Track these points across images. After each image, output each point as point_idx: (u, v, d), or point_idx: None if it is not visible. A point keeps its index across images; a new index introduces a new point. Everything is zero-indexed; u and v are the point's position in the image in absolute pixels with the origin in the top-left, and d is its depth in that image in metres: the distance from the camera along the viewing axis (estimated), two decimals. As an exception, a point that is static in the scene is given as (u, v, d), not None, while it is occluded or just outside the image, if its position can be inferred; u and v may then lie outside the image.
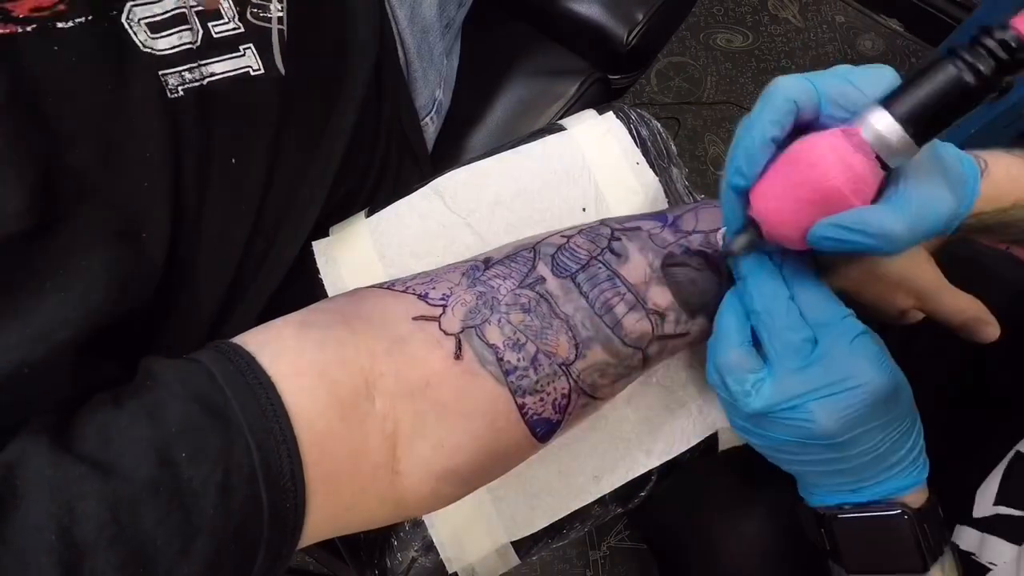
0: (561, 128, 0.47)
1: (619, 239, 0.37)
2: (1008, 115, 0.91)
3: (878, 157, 0.29)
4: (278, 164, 0.41)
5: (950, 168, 0.32)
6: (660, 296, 0.36)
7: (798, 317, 0.34)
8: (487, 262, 0.37)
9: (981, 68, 0.27)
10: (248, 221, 0.40)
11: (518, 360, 0.33)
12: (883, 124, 0.29)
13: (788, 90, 0.30)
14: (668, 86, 1.36)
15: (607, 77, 0.75)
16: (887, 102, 0.29)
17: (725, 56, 1.39)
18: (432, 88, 0.59)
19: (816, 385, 0.33)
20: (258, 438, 0.27)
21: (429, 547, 0.41)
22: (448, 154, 0.68)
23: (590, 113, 0.48)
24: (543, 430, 0.34)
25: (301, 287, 0.46)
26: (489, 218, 0.45)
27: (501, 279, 0.35)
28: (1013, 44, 0.26)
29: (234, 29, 0.36)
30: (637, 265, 0.36)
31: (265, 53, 0.38)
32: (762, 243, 0.33)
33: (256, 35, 0.37)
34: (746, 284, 0.34)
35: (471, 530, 0.41)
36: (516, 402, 0.33)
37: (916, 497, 0.36)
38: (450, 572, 0.42)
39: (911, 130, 0.28)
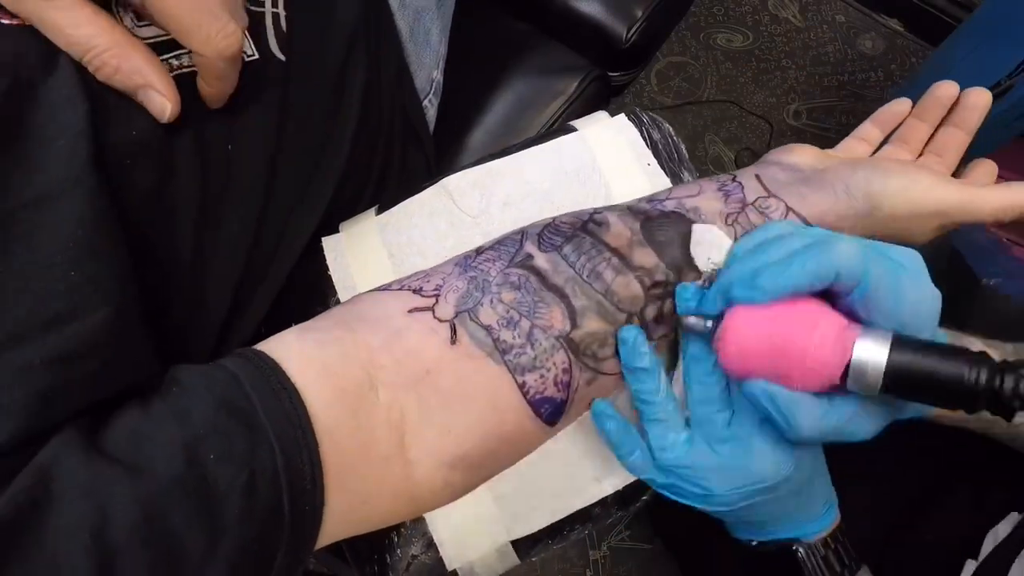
0: (572, 129, 0.47)
1: (600, 211, 0.38)
2: (1008, 115, 0.90)
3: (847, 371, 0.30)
4: (282, 152, 0.40)
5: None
6: (645, 257, 0.36)
7: (723, 394, 0.35)
8: (479, 250, 0.37)
9: (982, 384, 0.27)
10: (253, 211, 0.39)
11: (513, 338, 0.33)
12: (874, 363, 0.28)
13: (840, 262, 0.30)
14: (668, 86, 1.36)
15: (607, 74, 0.75)
16: (896, 342, 0.29)
17: (725, 56, 1.39)
18: (429, 70, 0.58)
19: (720, 462, 0.35)
20: (282, 442, 0.27)
21: (429, 544, 0.41)
22: (449, 152, 0.68)
23: (602, 115, 0.48)
24: (548, 410, 0.34)
25: (311, 281, 0.45)
26: (499, 218, 0.44)
27: (491, 262, 0.36)
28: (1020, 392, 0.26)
29: None
30: (618, 230, 0.37)
31: (259, 38, 0.37)
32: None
33: (250, 20, 0.36)
34: (687, 353, 0.36)
35: (471, 528, 0.41)
36: (516, 381, 0.33)
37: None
38: (450, 570, 0.41)
39: (888, 379, 0.28)
